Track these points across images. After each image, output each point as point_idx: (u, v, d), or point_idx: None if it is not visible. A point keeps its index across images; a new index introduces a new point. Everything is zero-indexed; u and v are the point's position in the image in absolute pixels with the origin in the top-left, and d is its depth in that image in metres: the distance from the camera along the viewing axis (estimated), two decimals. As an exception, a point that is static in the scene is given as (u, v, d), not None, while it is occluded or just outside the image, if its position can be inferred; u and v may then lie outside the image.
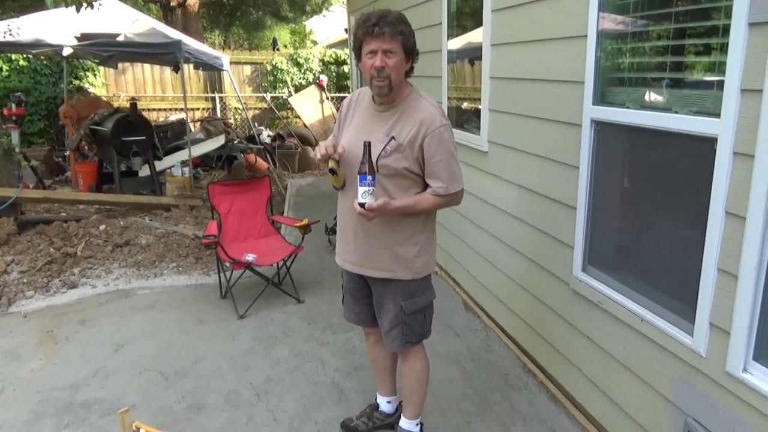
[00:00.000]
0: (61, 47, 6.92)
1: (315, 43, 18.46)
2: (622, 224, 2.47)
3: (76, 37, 6.87)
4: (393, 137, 2.16)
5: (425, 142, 2.15)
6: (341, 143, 2.31)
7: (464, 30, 3.93)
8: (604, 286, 2.48)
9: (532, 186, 3.07)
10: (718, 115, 1.79)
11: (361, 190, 2.08)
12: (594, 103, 2.43)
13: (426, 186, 2.24)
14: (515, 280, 3.36)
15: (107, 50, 6.92)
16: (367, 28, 2.10)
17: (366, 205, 2.07)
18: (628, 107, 2.26)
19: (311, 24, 20.55)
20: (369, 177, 2.07)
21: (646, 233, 2.29)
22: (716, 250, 1.85)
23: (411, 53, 2.19)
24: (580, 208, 2.59)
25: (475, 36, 3.70)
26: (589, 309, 2.60)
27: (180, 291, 4.52)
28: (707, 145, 1.85)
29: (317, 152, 2.23)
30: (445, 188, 2.19)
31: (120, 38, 6.99)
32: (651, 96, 2.17)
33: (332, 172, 2.20)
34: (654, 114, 2.10)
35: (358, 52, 2.19)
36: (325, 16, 17.91)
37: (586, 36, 2.42)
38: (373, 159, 2.11)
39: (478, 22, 3.59)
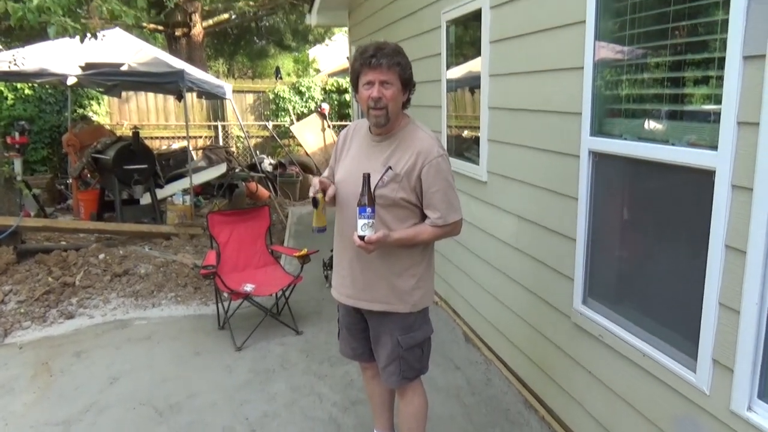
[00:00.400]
0: (65, 76, 6.99)
1: (318, 71, 18.72)
2: (622, 256, 2.44)
3: (81, 67, 6.94)
4: (390, 167, 2.16)
5: (423, 173, 2.14)
6: (336, 177, 2.32)
7: (463, 60, 3.96)
8: (604, 320, 2.44)
9: (532, 217, 3.05)
10: (715, 148, 1.78)
11: (360, 222, 2.05)
12: (591, 134, 2.42)
13: (423, 216, 2.23)
14: (516, 311, 3.31)
15: (111, 79, 6.99)
16: (365, 60, 2.12)
17: (366, 237, 2.05)
18: (625, 138, 2.24)
19: (314, 52, 20.87)
20: (368, 209, 2.04)
21: (646, 266, 2.26)
22: (717, 285, 1.82)
23: (408, 84, 2.21)
24: (580, 239, 2.56)
25: (473, 66, 3.72)
26: (591, 342, 2.55)
27: (178, 321, 4.48)
28: (705, 177, 1.83)
29: (311, 191, 2.21)
30: (444, 219, 2.18)
31: (124, 67, 7.06)
32: (648, 127, 2.16)
33: (314, 203, 2.16)
34: (651, 146, 2.09)
35: (355, 83, 2.21)
36: (327, 45, 18.17)
37: (582, 68, 2.42)
38: (372, 188, 2.10)
39: (476, 53, 3.61)
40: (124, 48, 7.46)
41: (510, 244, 3.32)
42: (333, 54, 19.08)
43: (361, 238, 2.05)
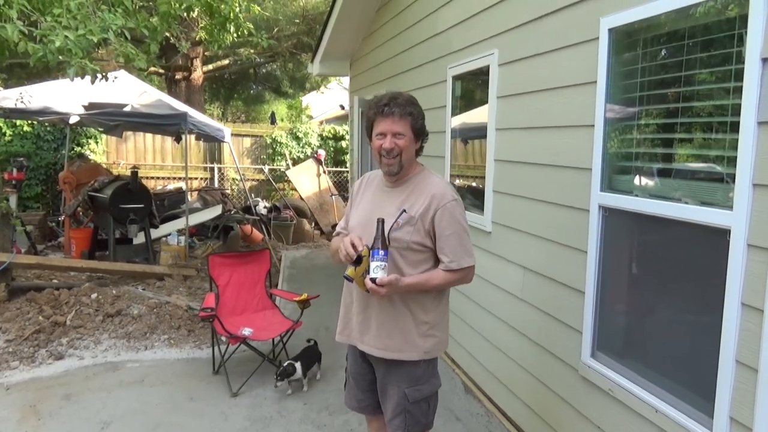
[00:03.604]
0: (68, 115, 7.04)
1: (311, 117, 18.97)
2: (633, 310, 2.45)
3: (84, 106, 7.00)
4: (404, 210, 2.19)
5: (436, 216, 2.18)
6: (350, 222, 2.35)
7: (469, 113, 4.05)
8: (614, 374, 2.43)
9: (538, 268, 3.07)
10: (730, 207, 1.83)
11: (372, 264, 2.06)
12: (602, 190, 2.47)
13: (438, 262, 2.24)
14: (519, 363, 3.29)
15: (114, 119, 7.04)
16: (378, 108, 2.19)
17: (377, 279, 2.05)
18: (636, 195, 2.29)
19: (307, 99, 21.19)
20: (381, 252, 2.07)
21: (659, 321, 2.27)
22: (734, 342, 1.83)
23: (420, 134, 2.27)
24: (589, 292, 2.57)
25: (479, 118, 3.80)
26: (599, 397, 2.53)
27: (171, 365, 4.38)
28: (720, 236, 1.87)
29: (340, 252, 2.16)
30: (457, 263, 2.20)
31: (127, 108, 7.13)
32: (660, 185, 2.21)
33: (358, 260, 2.09)
34: (664, 203, 2.13)
35: (369, 131, 2.26)
36: (323, 92, 18.51)
37: (593, 125, 2.49)
38: (386, 232, 2.12)
39: (482, 106, 3.70)
40: (128, 89, 7.55)
41: (514, 294, 3.33)
42: (325, 101, 19.38)
43: (373, 280, 2.06)
